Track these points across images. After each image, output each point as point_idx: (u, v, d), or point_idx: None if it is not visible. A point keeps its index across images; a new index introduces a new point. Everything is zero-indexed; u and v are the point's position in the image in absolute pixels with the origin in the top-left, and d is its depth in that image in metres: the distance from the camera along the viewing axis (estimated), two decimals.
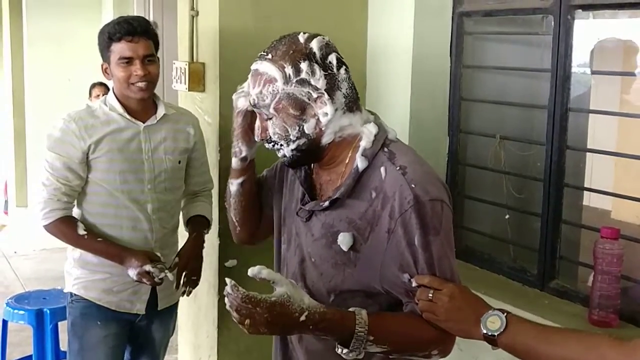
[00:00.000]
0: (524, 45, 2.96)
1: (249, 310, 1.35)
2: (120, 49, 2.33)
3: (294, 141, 1.51)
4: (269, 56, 1.49)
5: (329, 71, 1.48)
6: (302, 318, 1.37)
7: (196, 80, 2.91)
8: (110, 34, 2.34)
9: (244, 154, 1.69)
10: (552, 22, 2.43)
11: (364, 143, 1.50)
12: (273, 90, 1.48)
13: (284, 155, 1.55)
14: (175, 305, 2.71)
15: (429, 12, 2.83)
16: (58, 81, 5.95)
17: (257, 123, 1.57)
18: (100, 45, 2.39)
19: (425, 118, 2.88)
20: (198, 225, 2.59)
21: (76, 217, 2.45)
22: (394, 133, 1.57)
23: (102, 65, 2.42)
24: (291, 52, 1.47)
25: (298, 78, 1.46)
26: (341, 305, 1.49)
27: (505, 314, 1.31)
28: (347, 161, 1.52)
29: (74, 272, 2.52)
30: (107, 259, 2.43)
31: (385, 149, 1.51)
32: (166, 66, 5.46)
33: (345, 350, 1.41)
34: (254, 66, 1.53)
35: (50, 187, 2.38)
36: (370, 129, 1.52)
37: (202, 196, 2.66)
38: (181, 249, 2.54)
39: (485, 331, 1.31)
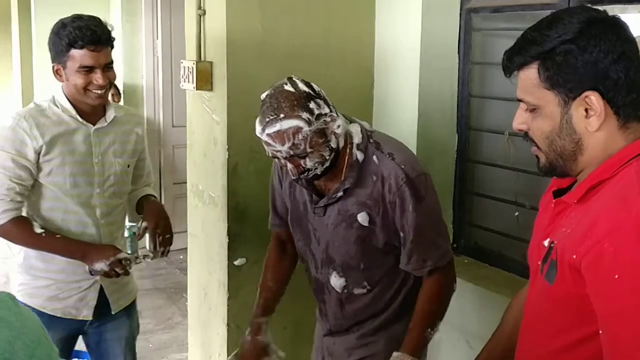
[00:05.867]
0: None
1: None
2: (81, 56, 2.24)
3: (328, 159, 1.83)
4: (282, 115, 1.74)
5: (322, 96, 1.81)
6: None
7: (204, 79, 2.91)
8: (72, 41, 2.24)
9: None
10: None
11: (356, 140, 1.87)
12: (304, 136, 1.75)
13: (316, 175, 1.84)
14: (132, 306, 2.59)
15: (437, 8, 2.82)
16: None
17: (289, 166, 1.83)
18: (55, 46, 2.28)
19: (433, 115, 2.87)
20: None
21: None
22: (367, 125, 1.94)
23: (53, 67, 2.33)
24: (296, 102, 1.75)
25: (315, 115, 1.77)
26: (371, 268, 1.94)
27: None
28: (346, 157, 1.87)
29: (18, 278, 2.41)
30: (66, 257, 2.31)
31: (371, 140, 1.89)
32: (174, 65, 5.51)
33: None
34: (270, 130, 1.75)
35: (2, 187, 2.24)
36: (356, 128, 1.89)
37: (146, 186, 2.59)
38: (144, 212, 2.44)
39: None
